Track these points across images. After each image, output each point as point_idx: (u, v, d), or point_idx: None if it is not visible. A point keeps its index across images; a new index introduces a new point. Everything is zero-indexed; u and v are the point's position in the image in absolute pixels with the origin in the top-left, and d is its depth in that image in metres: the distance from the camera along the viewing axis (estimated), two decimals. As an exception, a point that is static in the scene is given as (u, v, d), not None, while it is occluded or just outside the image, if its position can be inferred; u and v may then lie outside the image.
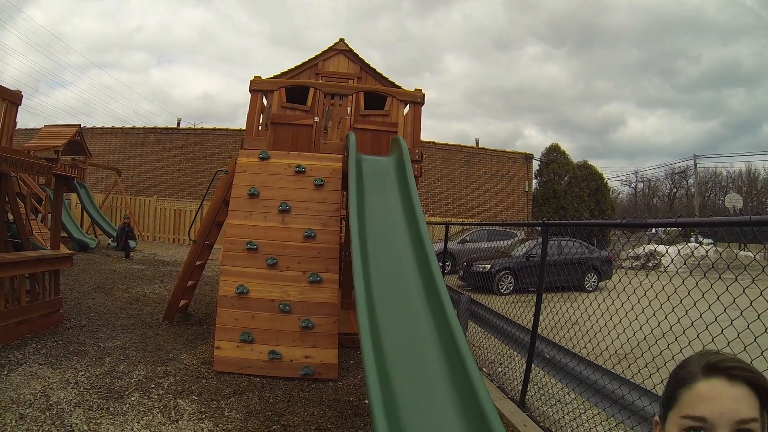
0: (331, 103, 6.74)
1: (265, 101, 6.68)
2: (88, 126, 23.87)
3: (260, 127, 6.51)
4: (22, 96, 6.84)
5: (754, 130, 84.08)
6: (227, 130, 22.70)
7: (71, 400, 4.10)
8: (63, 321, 6.46)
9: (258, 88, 6.47)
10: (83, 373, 4.72)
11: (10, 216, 7.43)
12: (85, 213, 17.01)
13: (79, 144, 17.09)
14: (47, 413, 3.84)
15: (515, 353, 4.99)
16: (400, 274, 4.36)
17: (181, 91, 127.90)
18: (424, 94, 6.86)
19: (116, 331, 6.27)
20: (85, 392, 4.29)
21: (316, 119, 6.58)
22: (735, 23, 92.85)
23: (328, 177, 5.75)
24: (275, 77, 7.35)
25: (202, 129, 23.15)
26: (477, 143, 25.93)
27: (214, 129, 22.91)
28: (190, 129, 23.31)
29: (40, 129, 18.31)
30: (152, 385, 4.55)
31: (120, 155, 23.43)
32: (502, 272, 11.74)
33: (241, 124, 21.92)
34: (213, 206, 6.48)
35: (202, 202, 7.54)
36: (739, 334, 2.43)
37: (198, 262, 6.74)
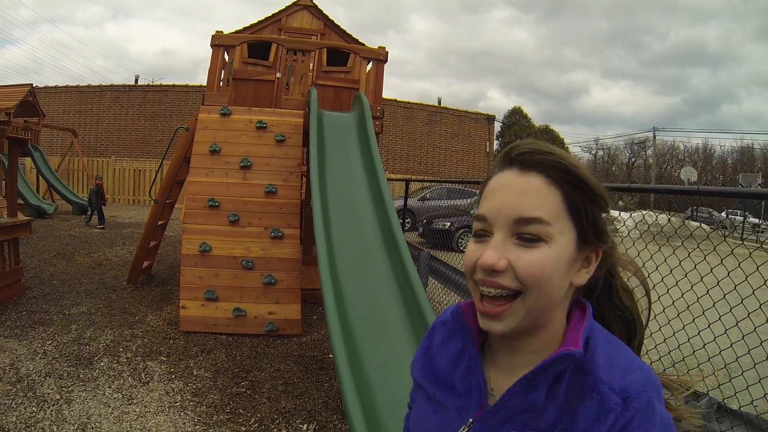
0: (293, 59, 6.64)
1: (227, 57, 6.52)
2: (40, 85, 22.90)
3: (221, 83, 6.36)
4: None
5: (713, 109, 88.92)
6: (187, 86, 21.98)
7: (41, 371, 4.10)
8: (25, 291, 6.36)
9: (219, 43, 6.30)
10: (50, 342, 4.71)
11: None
12: (40, 177, 16.44)
13: (32, 105, 16.33)
14: (18, 386, 3.84)
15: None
16: (361, 229, 4.44)
17: (138, 46, 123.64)
18: (387, 52, 6.80)
19: (80, 297, 6.20)
20: (54, 361, 4.29)
21: (278, 75, 6.49)
22: (704, 5, 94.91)
23: (289, 132, 5.69)
24: (237, 32, 7.19)
25: (161, 86, 22.28)
26: (439, 102, 25.84)
27: (173, 86, 22.14)
28: (148, 86, 22.42)
29: (-12, 90, 17.49)
30: (120, 349, 4.57)
31: (76, 115, 22.55)
32: (462, 230, 11.87)
33: (202, 80, 21.34)
34: (174, 164, 6.37)
35: (162, 160, 7.37)
36: (683, 294, 2.56)
37: (160, 222, 6.66)
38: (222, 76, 6.41)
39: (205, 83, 6.60)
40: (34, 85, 16.64)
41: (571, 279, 0.71)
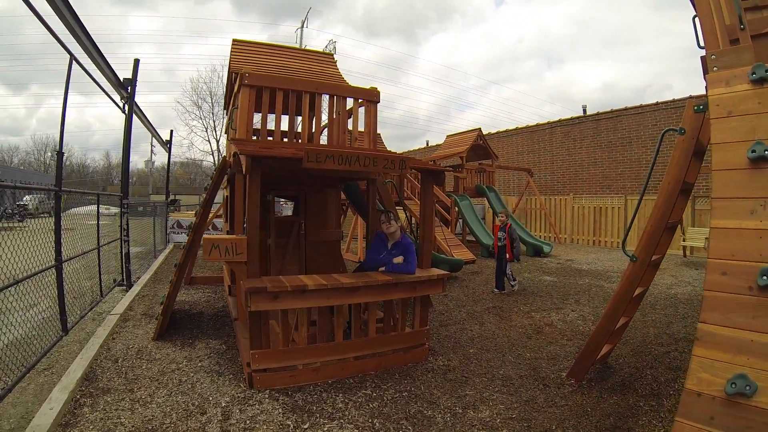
0: None
1: None
2: (492, 131, 23.91)
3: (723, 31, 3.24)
4: (379, 93, 6.16)
5: None
6: (641, 106, 18.30)
7: None
8: (427, 357, 5.05)
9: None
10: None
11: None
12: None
13: (483, 148, 17.10)
14: None
15: None
16: None
17: (579, 87, 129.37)
18: None
19: (492, 386, 4.36)
20: None
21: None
22: None
23: None
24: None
25: (612, 111, 19.24)
26: None
27: (625, 109, 18.83)
28: (599, 114, 19.52)
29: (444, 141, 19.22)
30: None
31: (529, 155, 22.48)
32: None
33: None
34: (664, 197, 3.73)
35: (641, 195, 4.19)
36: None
37: (638, 291, 4.12)
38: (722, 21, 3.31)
39: (658, 100, 3.65)
40: (482, 131, 17.03)
41: None
